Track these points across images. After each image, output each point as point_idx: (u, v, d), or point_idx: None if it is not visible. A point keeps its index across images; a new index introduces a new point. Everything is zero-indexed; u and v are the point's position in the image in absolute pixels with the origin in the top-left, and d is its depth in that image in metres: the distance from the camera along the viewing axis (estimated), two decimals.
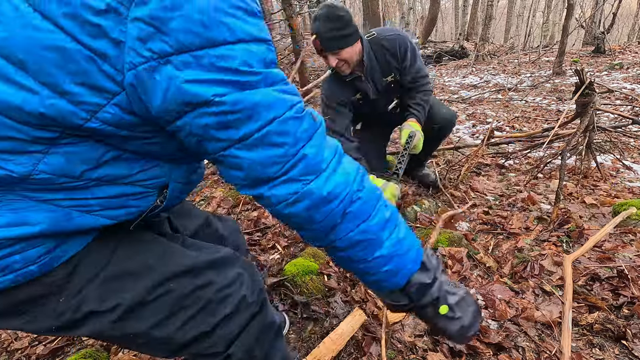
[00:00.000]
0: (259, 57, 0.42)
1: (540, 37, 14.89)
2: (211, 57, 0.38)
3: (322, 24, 1.59)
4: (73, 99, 0.38)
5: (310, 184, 0.48)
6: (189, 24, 0.35)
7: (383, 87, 1.90)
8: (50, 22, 0.35)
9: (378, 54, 1.80)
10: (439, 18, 15.04)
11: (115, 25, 0.35)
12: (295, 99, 0.47)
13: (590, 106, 1.96)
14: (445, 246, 1.54)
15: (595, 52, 7.60)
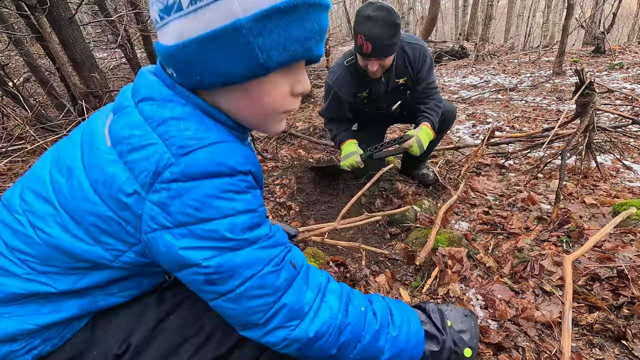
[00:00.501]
0: (242, 226, 0.51)
1: (540, 37, 14.90)
2: (202, 230, 0.49)
3: (378, 30, 1.49)
4: (105, 246, 0.54)
5: (295, 330, 0.55)
6: (186, 208, 0.48)
7: (393, 88, 1.91)
8: (99, 197, 0.51)
9: (398, 58, 1.79)
10: (439, 18, 15.04)
11: (136, 203, 0.49)
12: (274, 252, 0.55)
13: (590, 106, 1.96)
14: (445, 246, 1.54)
15: (595, 52, 7.60)
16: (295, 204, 2.15)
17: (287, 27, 0.46)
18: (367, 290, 1.37)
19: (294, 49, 0.48)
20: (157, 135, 0.48)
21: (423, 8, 26.05)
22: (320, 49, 0.52)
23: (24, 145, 3.30)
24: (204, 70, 0.48)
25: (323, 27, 0.50)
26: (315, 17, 0.48)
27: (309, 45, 0.49)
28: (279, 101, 0.55)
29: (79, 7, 4.15)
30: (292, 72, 0.54)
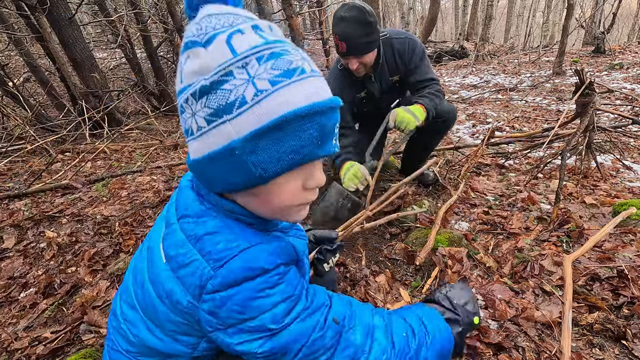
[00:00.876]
0: (283, 313, 0.56)
1: (540, 37, 14.90)
2: (249, 327, 0.55)
3: (352, 28, 1.55)
4: (182, 343, 0.63)
5: None
6: (231, 313, 0.54)
7: (388, 87, 1.90)
8: (165, 306, 0.60)
9: (387, 54, 1.80)
10: (439, 18, 15.03)
11: (194, 311, 0.57)
12: (315, 319, 0.59)
13: (590, 106, 1.96)
14: (445, 246, 1.54)
15: (595, 52, 7.60)
16: None
17: (281, 141, 0.48)
18: (367, 290, 1.37)
19: (290, 158, 0.50)
20: (197, 251, 0.56)
21: (423, 8, 26.05)
22: (326, 149, 0.53)
23: (24, 145, 3.30)
24: (213, 181, 0.55)
25: (325, 129, 0.51)
26: (313, 124, 0.49)
27: (309, 151, 0.51)
28: (290, 199, 0.57)
29: (79, 7, 4.15)
30: (302, 172, 0.55)
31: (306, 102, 0.48)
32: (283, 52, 0.49)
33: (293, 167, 0.51)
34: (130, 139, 4.15)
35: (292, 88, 0.47)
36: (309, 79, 0.49)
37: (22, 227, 1.96)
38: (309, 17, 16.58)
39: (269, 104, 0.47)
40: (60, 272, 1.64)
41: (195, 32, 0.48)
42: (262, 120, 0.47)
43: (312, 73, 0.51)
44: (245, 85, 0.46)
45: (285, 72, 0.47)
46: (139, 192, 2.31)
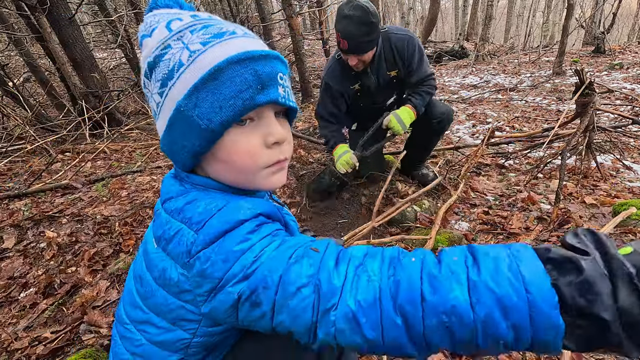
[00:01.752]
0: (260, 247, 0.52)
1: (540, 37, 14.90)
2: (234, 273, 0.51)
3: (354, 27, 1.58)
4: (183, 328, 0.61)
5: (337, 308, 0.46)
6: (216, 264, 0.51)
7: (385, 82, 1.92)
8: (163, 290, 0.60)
9: (386, 49, 1.83)
10: (439, 18, 15.04)
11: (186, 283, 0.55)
12: (291, 248, 0.52)
13: (590, 106, 1.96)
14: (445, 246, 1.54)
15: (595, 52, 7.60)
16: (295, 203, 2.15)
17: (218, 89, 0.51)
18: None
19: (230, 104, 0.52)
20: (179, 221, 0.56)
21: (423, 8, 26.06)
22: (268, 95, 0.54)
23: (24, 145, 3.30)
24: (178, 154, 0.57)
25: (263, 74, 0.53)
26: (247, 69, 0.52)
27: (249, 95, 0.52)
28: (251, 157, 0.56)
29: (79, 7, 4.15)
30: (258, 126, 0.56)
31: (237, 51, 0.51)
32: (215, 24, 0.54)
33: (237, 114, 0.52)
34: (130, 139, 4.16)
35: (224, 44, 0.52)
36: (241, 38, 0.53)
37: (22, 227, 1.96)
38: (309, 17, 16.59)
39: (202, 60, 0.51)
40: (60, 272, 1.64)
41: (143, 28, 0.56)
42: (198, 74, 0.51)
43: (245, 35, 0.55)
44: (181, 51, 0.51)
45: (215, 34, 0.52)
46: (139, 192, 2.31)
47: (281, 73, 0.56)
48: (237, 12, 9.81)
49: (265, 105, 0.54)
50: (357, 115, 2.23)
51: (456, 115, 4.41)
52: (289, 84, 0.59)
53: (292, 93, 0.60)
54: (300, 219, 2.02)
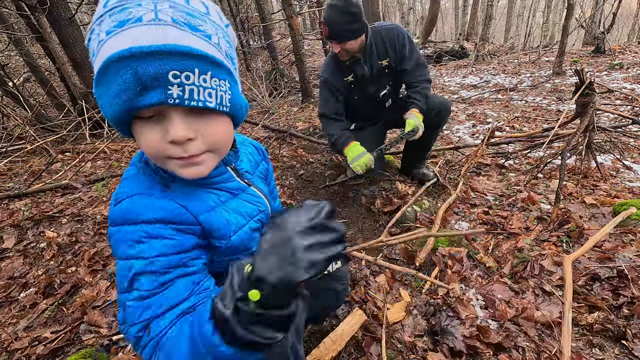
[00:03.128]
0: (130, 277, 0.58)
1: (540, 37, 14.90)
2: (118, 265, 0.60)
3: (335, 15, 1.72)
4: None
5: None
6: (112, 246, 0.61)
7: (378, 71, 2.00)
8: None
9: (377, 40, 1.95)
10: (439, 18, 15.03)
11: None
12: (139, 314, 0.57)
13: (590, 106, 1.96)
14: (445, 246, 1.54)
15: (595, 52, 7.60)
16: (296, 203, 2.15)
17: (107, 86, 0.51)
18: (367, 290, 1.37)
19: (114, 103, 0.51)
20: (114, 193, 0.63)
21: (423, 8, 26.04)
22: (150, 97, 0.49)
23: (24, 145, 3.30)
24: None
25: (144, 75, 0.48)
26: (127, 69, 0.48)
27: (127, 97, 0.49)
28: (151, 148, 0.56)
29: (79, 7, 4.14)
30: (159, 122, 0.54)
31: (123, 47, 0.48)
32: (130, 7, 0.49)
33: (122, 112, 0.51)
34: (130, 138, 4.15)
35: (119, 36, 0.48)
36: (141, 27, 0.48)
37: (22, 227, 1.96)
38: (309, 17, 16.58)
39: (102, 53, 0.49)
40: (60, 272, 1.64)
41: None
42: (97, 67, 0.50)
43: (151, 23, 0.48)
44: (97, 38, 0.51)
45: (120, 22, 0.49)
46: None
47: (176, 71, 0.49)
48: (237, 12, 9.81)
49: (150, 107, 0.50)
50: (352, 111, 2.26)
51: (456, 115, 4.41)
52: (203, 81, 0.52)
53: (215, 90, 0.54)
54: None
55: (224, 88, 0.55)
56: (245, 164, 0.82)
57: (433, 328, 1.19)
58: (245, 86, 6.55)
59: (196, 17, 0.52)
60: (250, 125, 4.44)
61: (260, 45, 9.60)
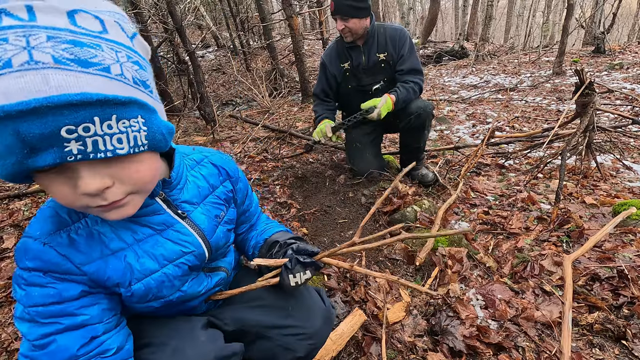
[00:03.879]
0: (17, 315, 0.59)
1: (540, 37, 14.89)
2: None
3: None
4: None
5: None
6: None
7: (374, 62, 2.06)
8: None
9: (379, 34, 2.03)
10: (439, 18, 15.04)
11: None
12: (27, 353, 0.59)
13: (590, 106, 1.96)
14: (445, 246, 1.54)
15: (595, 52, 7.60)
16: (295, 203, 2.15)
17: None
18: (367, 290, 1.37)
19: (2, 165, 0.41)
20: None
21: (423, 8, 26.04)
22: (43, 159, 0.41)
23: None
24: None
25: (30, 136, 0.39)
26: (7, 130, 0.38)
27: (15, 160, 0.40)
28: (64, 200, 0.49)
29: None
30: (62, 174, 0.45)
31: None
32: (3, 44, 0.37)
33: (15, 175, 0.43)
34: None
35: None
36: (10, 75, 0.37)
37: (22, 227, 1.96)
38: (309, 17, 16.58)
39: None
40: None
41: None
42: None
43: (22, 67, 0.37)
44: None
45: None
46: None
47: (70, 125, 0.39)
48: (237, 12, 9.81)
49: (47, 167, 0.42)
50: (346, 101, 2.30)
51: (456, 115, 4.41)
52: (108, 127, 0.42)
53: (126, 134, 0.45)
54: (301, 219, 2.02)
55: (136, 127, 0.46)
56: (190, 192, 0.71)
57: (433, 328, 1.19)
58: (245, 86, 6.55)
59: (87, 46, 0.41)
60: (250, 125, 4.45)
61: (260, 45, 9.59)
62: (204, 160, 0.78)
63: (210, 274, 0.80)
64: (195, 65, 4.90)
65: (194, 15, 9.23)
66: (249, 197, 0.92)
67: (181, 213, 0.68)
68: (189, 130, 4.71)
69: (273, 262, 0.78)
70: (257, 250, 0.91)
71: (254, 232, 0.95)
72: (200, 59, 10.16)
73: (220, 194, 0.79)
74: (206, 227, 0.73)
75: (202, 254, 0.72)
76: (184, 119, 5.43)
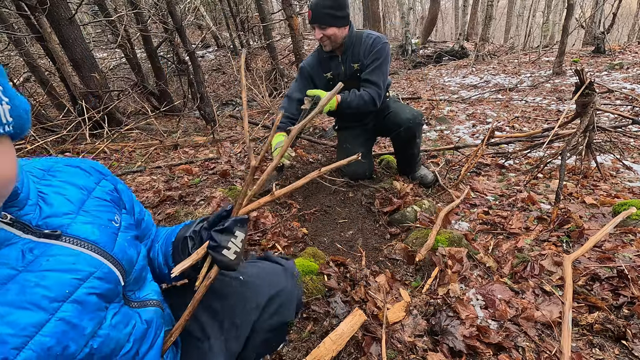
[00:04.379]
0: None
1: (540, 37, 14.89)
2: None
3: (319, 0, 1.80)
4: None
5: None
6: None
7: (350, 73, 2.04)
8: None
9: (357, 43, 1.99)
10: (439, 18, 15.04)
11: None
12: None
13: (590, 106, 1.96)
14: (445, 246, 1.54)
15: (595, 52, 7.60)
16: (295, 203, 2.15)
17: None
18: (367, 290, 1.37)
19: None
20: None
21: (423, 8, 26.04)
22: None
23: (24, 145, 3.30)
24: None
25: None
26: None
27: None
28: None
29: (79, 7, 4.14)
30: None
31: None
32: None
33: None
34: (130, 139, 4.15)
35: None
36: None
37: None
38: None
39: None
40: None
41: None
42: None
43: None
44: None
45: None
46: (139, 192, 2.31)
47: None
48: (237, 12, 9.81)
49: None
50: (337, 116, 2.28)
51: (456, 115, 4.41)
52: None
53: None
54: (301, 219, 2.02)
55: None
56: (53, 203, 0.54)
57: (433, 328, 1.19)
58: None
59: None
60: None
61: (260, 45, 9.59)
62: (55, 166, 0.61)
63: (138, 310, 0.63)
64: (195, 65, 4.90)
65: (194, 15, 9.22)
66: (138, 203, 0.78)
67: (50, 232, 0.50)
68: (189, 130, 4.71)
69: (194, 256, 0.67)
70: (170, 261, 0.77)
71: (157, 244, 0.81)
72: (200, 59, 10.16)
73: (102, 195, 0.63)
74: (99, 237, 0.56)
75: (110, 274, 0.55)
76: (184, 119, 5.43)
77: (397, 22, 23.45)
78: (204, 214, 1.93)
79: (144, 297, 0.66)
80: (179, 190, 2.23)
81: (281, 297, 0.83)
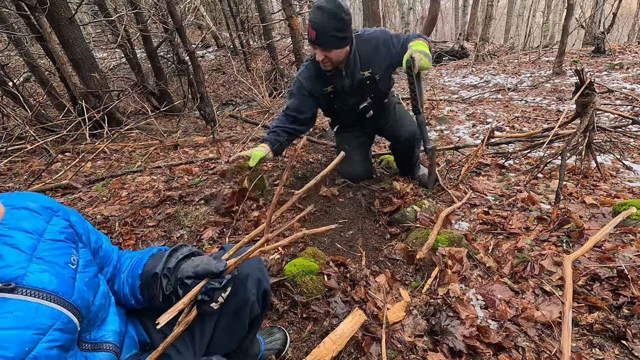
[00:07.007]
0: None
1: (540, 37, 14.89)
2: None
3: (324, 20, 1.58)
4: None
5: None
6: None
7: (358, 82, 1.91)
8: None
9: (361, 49, 1.84)
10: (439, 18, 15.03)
11: None
12: None
13: (590, 106, 1.96)
14: (445, 246, 1.54)
15: (595, 52, 7.60)
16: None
17: None
18: (367, 290, 1.37)
19: None
20: None
21: (423, 8, 26.04)
22: None
23: (24, 145, 3.30)
24: None
25: None
26: None
27: None
28: None
29: (79, 7, 4.15)
30: None
31: None
32: None
33: None
34: (130, 139, 4.16)
35: None
36: None
37: None
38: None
39: None
40: None
41: None
42: None
43: None
44: None
45: None
46: (139, 192, 2.31)
47: None
48: (237, 12, 9.81)
49: None
50: (335, 117, 2.26)
51: (456, 115, 4.41)
52: None
53: None
54: (301, 219, 2.02)
55: None
56: (5, 254, 0.51)
57: (433, 328, 1.19)
58: (245, 86, 6.55)
59: None
60: (250, 125, 4.45)
61: (260, 45, 9.59)
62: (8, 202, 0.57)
63: (87, 354, 0.60)
64: (195, 65, 4.90)
65: (194, 15, 9.22)
66: (94, 232, 0.74)
67: (3, 286, 0.47)
68: (189, 130, 4.71)
69: (180, 305, 0.67)
70: (138, 294, 0.75)
71: (123, 275, 0.78)
72: (200, 59, 10.16)
73: (55, 235, 0.59)
74: (58, 285, 0.54)
75: (70, 323, 0.53)
76: (184, 119, 5.43)
77: (397, 22, 23.47)
78: (204, 214, 1.93)
79: (100, 338, 0.64)
80: (179, 190, 2.23)
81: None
